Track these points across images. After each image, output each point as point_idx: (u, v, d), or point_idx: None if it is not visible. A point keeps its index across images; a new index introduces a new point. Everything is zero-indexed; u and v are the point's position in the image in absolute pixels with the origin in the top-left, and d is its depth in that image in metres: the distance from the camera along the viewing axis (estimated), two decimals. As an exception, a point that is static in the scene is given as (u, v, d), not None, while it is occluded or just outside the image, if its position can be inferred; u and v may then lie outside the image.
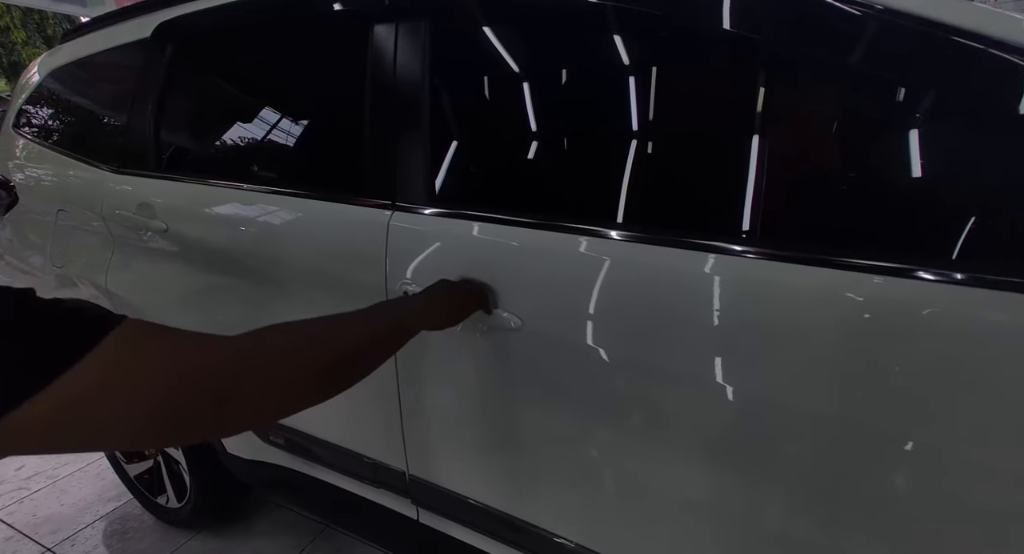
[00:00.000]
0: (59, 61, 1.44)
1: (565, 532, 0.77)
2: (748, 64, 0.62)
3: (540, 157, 0.76)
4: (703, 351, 0.60)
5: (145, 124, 1.15)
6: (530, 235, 0.70)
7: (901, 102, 0.54)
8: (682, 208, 0.66)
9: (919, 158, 0.52)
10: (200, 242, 1.05)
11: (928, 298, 0.49)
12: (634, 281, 0.63)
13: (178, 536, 1.42)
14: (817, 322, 0.54)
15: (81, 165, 1.28)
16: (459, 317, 0.69)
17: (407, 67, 0.80)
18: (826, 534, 0.58)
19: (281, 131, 1.03)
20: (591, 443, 0.71)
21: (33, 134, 1.49)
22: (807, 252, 0.55)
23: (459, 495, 0.87)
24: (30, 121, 1.52)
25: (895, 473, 0.53)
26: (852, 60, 0.56)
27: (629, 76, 0.67)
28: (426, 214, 0.78)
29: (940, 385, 0.49)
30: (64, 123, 1.49)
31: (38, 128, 1.50)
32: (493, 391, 0.78)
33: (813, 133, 0.60)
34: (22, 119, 1.52)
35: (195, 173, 1.09)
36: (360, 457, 0.98)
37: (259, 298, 0.99)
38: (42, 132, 1.49)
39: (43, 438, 0.32)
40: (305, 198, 0.91)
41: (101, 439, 0.37)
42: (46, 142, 1.45)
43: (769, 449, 0.59)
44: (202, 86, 1.21)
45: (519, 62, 0.77)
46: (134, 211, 1.13)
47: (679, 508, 0.67)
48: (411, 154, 0.80)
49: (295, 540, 1.38)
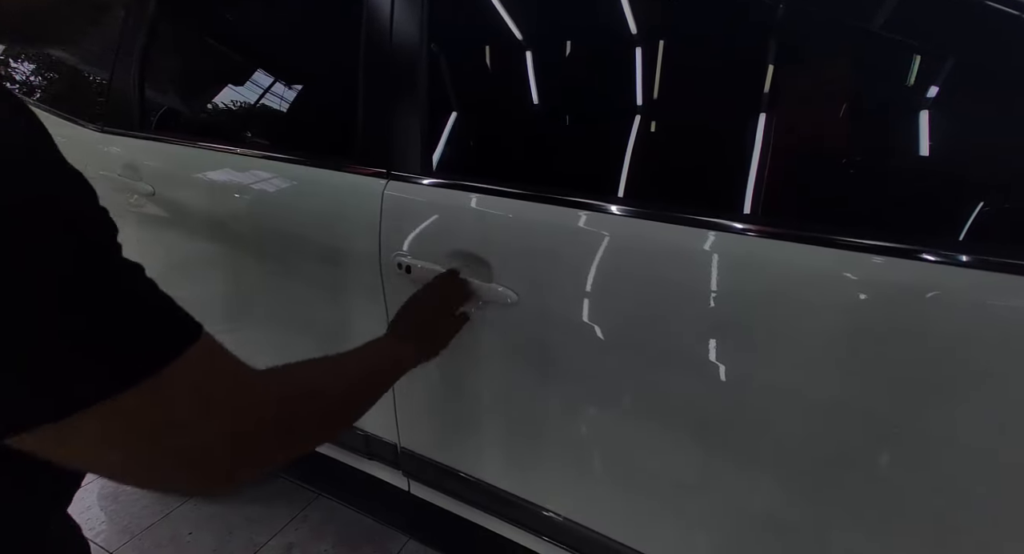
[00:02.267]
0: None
1: (555, 506, 0.78)
2: (752, 36, 0.58)
3: (542, 128, 0.73)
4: (702, 329, 0.58)
5: (130, 80, 1.10)
6: (529, 208, 0.67)
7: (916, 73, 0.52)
8: (684, 184, 0.64)
9: (927, 136, 0.50)
10: (189, 207, 1.01)
11: (932, 281, 0.48)
12: (634, 257, 0.62)
13: (170, 502, 1.44)
14: (817, 302, 0.53)
15: (65, 123, 1.23)
16: (449, 338, 0.70)
17: (404, 29, 0.76)
18: (812, 518, 0.59)
19: (274, 93, 0.99)
20: (584, 420, 0.71)
21: (14, 90, 1.43)
22: (809, 231, 0.53)
23: (450, 468, 0.87)
24: (11, 76, 1.45)
25: (894, 458, 0.53)
26: (860, 29, 0.53)
27: (635, 47, 0.64)
28: (422, 184, 0.76)
29: (941, 370, 0.48)
30: (46, 78, 1.43)
31: (19, 84, 1.44)
32: (486, 366, 0.77)
33: (819, 108, 0.57)
34: (1, 73, 1.46)
35: (184, 135, 1.05)
36: (353, 429, 0.97)
37: (249, 266, 0.97)
38: (23, 88, 1.43)
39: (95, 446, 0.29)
40: (298, 164, 0.88)
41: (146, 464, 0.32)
42: (29, 100, 1.39)
43: (765, 431, 0.58)
44: (192, 41, 1.15)
45: (522, 28, 0.73)
46: (119, 173, 1.09)
47: (670, 486, 0.68)
48: (407, 121, 0.77)
49: (288, 508, 1.40)
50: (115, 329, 0.28)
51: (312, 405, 0.43)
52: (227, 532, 1.35)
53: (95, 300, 0.27)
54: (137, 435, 0.30)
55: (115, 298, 0.29)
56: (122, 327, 0.28)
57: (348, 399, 0.49)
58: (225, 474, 0.34)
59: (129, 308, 0.29)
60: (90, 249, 0.28)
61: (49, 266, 0.26)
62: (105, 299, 0.28)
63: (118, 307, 0.29)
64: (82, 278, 0.27)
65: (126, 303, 0.29)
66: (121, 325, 0.28)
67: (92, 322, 0.27)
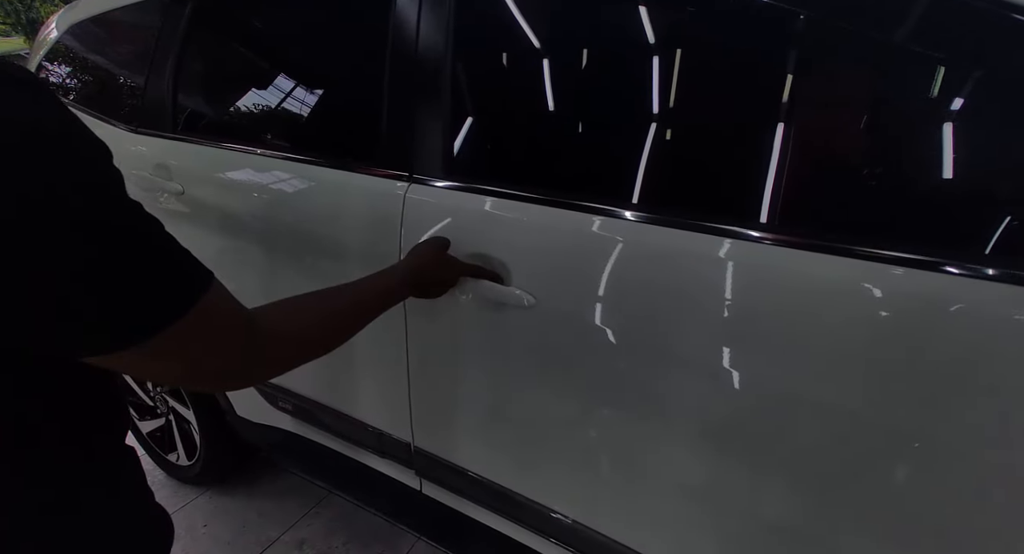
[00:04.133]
0: (76, 17, 1.43)
1: (565, 510, 0.78)
2: (772, 42, 0.59)
3: (563, 133, 0.74)
4: (718, 337, 0.59)
5: (163, 84, 1.14)
6: (549, 213, 0.69)
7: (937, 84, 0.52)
8: (702, 191, 0.64)
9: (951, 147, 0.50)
10: (216, 207, 1.05)
11: (953, 293, 0.48)
12: (652, 263, 0.62)
13: (187, 493, 1.47)
14: (832, 313, 0.53)
15: (101, 123, 1.28)
16: (434, 284, 0.71)
17: (430, 36, 0.78)
18: (820, 526, 0.58)
19: (301, 97, 1.01)
20: (600, 424, 0.72)
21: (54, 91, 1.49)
22: (826, 240, 0.53)
23: (463, 469, 0.88)
24: (49, 78, 1.51)
25: (905, 468, 0.52)
26: (882, 39, 0.53)
27: (655, 55, 0.65)
28: (444, 187, 0.77)
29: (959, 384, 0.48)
30: (83, 81, 1.49)
31: (58, 85, 1.50)
32: (503, 368, 0.78)
33: (839, 116, 0.58)
34: (42, 75, 1.52)
35: (213, 136, 1.09)
36: (367, 427, 0.99)
37: (272, 265, 1.00)
38: (62, 89, 1.48)
39: (138, 364, 0.36)
40: (322, 166, 0.90)
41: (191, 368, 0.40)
42: (67, 99, 1.44)
43: (777, 438, 0.58)
44: (223, 47, 1.19)
45: (546, 35, 0.74)
46: (151, 172, 1.13)
47: (680, 491, 0.68)
48: (430, 125, 0.79)
49: (299, 504, 1.42)
50: (161, 271, 0.35)
51: (302, 320, 0.50)
52: (241, 526, 1.37)
53: (143, 248, 0.34)
54: (179, 357, 0.37)
55: (158, 246, 0.35)
56: (165, 268, 0.35)
57: (336, 318, 0.55)
58: (242, 380, 0.46)
59: (168, 254, 0.36)
60: (128, 203, 0.34)
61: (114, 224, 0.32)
62: (149, 247, 0.35)
63: (168, 253, 0.36)
64: (136, 230, 0.34)
65: (167, 249, 0.36)
66: (164, 266, 0.35)
67: (139, 267, 0.33)
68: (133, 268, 0.33)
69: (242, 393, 1.20)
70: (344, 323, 0.55)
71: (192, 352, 0.38)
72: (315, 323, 0.51)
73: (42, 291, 0.30)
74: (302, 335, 0.49)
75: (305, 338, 0.49)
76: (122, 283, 0.32)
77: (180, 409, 1.37)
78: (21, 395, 0.35)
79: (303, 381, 1.07)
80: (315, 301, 0.53)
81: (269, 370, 0.47)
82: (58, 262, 0.30)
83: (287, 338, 0.47)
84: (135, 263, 0.33)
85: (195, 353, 0.38)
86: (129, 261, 0.33)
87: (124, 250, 0.32)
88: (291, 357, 0.48)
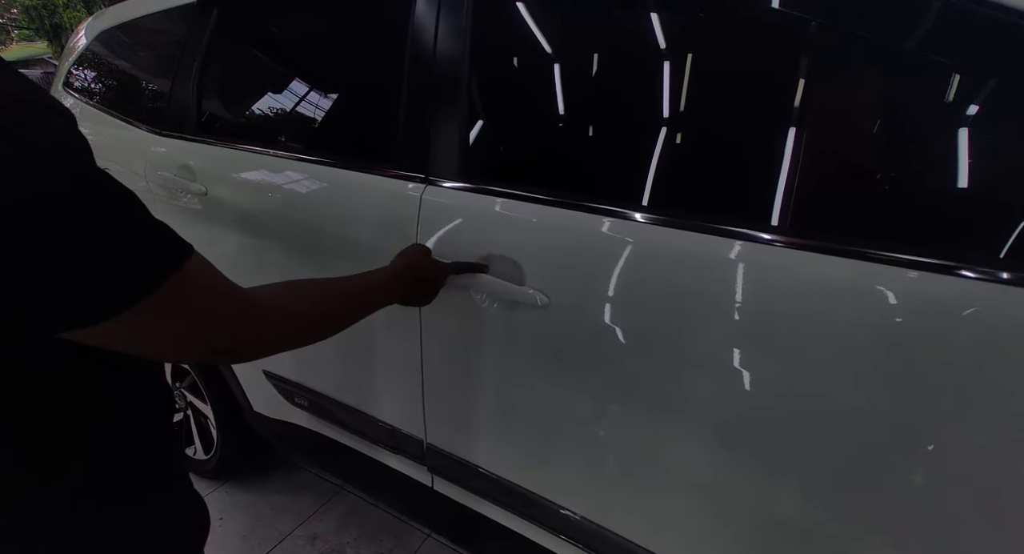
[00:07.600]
0: (104, 25, 1.48)
1: (577, 508, 0.79)
2: (785, 46, 0.60)
3: (579, 136, 0.76)
4: (730, 337, 0.60)
5: (188, 88, 1.18)
6: (564, 215, 0.70)
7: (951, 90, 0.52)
8: (714, 194, 0.65)
9: (965, 151, 0.50)
10: (238, 207, 1.08)
11: (968, 298, 0.48)
12: (663, 264, 0.63)
13: (204, 487, 1.50)
14: (845, 315, 0.53)
15: (129, 127, 1.32)
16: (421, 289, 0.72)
17: (448, 40, 0.80)
18: (834, 526, 0.59)
19: (321, 101, 1.04)
20: (613, 422, 0.73)
21: (82, 95, 1.54)
22: (838, 243, 0.54)
23: (475, 466, 0.89)
24: (71, 83, 1.56)
25: (920, 470, 0.53)
26: (897, 44, 0.54)
27: (667, 59, 0.66)
28: (460, 189, 0.79)
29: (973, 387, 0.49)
30: (109, 85, 1.53)
31: (86, 89, 1.55)
32: (517, 366, 0.79)
33: (851, 119, 0.58)
34: (71, 80, 1.57)
35: (236, 139, 1.12)
36: (380, 423, 1.01)
37: (291, 265, 1.02)
38: (90, 93, 1.53)
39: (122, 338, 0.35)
40: (340, 168, 0.93)
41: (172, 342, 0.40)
42: (93, 102, 1.49)
43: (789, 440, 0.59)
44: (246, 53, 1.22)
45: (560, 40, 0.76)
46: (175, 173, 1.16)
47: (692, 489, 0.68)
48: (447, 128, 0.81)
49: (313, 499, 1.44)
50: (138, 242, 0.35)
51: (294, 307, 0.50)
52: (255, 519, 1.40)
53: (121, 221, 0.33)
54: (161, 329, 0.37)
55: (133, 219, 0.35)
56: (144, 239, 0.35)
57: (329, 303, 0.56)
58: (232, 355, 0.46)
59: (144, 226, 0.35)
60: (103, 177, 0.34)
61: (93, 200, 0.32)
62: (126, 220, 0.34)
63: (143, 225, 0.35)
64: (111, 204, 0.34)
65: (143, 221, 0.35)
66: (143, 237, 0.35)
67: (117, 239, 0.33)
68: (109, 238, 0.32)
69: (260, 389, 1.23)
70: (336, 308, 0.56)
71: (175, 325, 0.37)
72: (309, 305, 0.51)
73: (14, 263, 0.29)
74: (293, 315, 0.49)
75: (297, 318, 0.49)
76: (100, 253, 0.32)
77: (198, 404, 1.40)
78: (78, 396, 0.37)
79: (320, 377, 1.09)
80: (312, 286, 0.54)
81: (257, 346, 0.45)
82: (30, 235, 0.29)
83: (277, 317, 0.47)
84: (111, 233, 0.32)
85: (178, 326, 0.37)
86: (104, 232, 0.32)
87: (98, 221, 0.32)
88: (280, 336, 0.47)
